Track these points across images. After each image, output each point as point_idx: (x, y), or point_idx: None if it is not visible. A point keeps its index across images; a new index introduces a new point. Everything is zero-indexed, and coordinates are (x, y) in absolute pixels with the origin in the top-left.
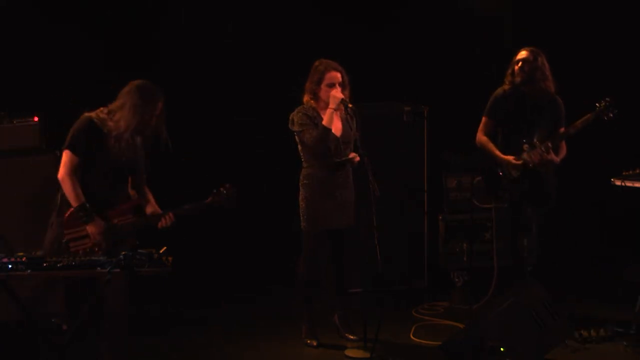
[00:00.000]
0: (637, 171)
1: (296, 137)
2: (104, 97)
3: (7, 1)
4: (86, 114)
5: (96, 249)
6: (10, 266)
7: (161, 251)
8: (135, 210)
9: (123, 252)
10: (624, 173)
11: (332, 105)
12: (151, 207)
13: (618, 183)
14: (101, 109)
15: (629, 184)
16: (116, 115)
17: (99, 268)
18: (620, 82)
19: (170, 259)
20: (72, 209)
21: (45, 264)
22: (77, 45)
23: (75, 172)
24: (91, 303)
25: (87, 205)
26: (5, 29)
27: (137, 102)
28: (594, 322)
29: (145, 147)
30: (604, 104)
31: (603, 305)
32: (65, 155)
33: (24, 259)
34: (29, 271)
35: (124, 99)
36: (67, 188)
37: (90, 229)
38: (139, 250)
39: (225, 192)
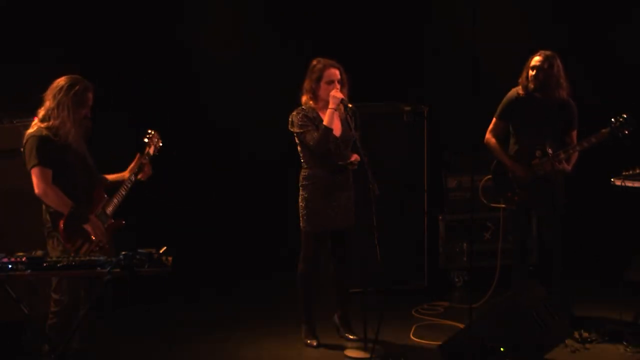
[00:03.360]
0: (637, 171)
1: (296, 138)
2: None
3: (7, 1)
4: (30, 133)
5: (98, 248)
6: (10, 266)
7: (161, 251)
8: (105, 190)
9: (123, 252)
10: (624, 173)
11: (332, 105)
12: (114, 176)
13: (618, 183)
14: (35, 120)
15: (629, 184)
16: (57, 118)
17: (99, 268)
18: (621, 81)
19: (170, 259)
20: (63, 218)
21: (45, 264)
22: (77, 45)
23: (51, 183)
24: (91, 303)
25: (76, 205)
26: (6, 28)
27: (73, 99)
28: (594, 322)
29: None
30: (620, 120)
31: (603, 305)
32: (36, 172)
33: (24, 259)
34: (29, 271)
35: (56, 99)
36: (53, 198)
37: (89, 227)
38: (139, 250)
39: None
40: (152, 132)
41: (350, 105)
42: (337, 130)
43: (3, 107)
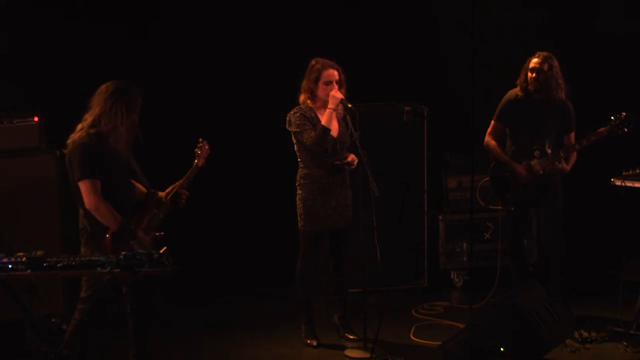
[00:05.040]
0: (637, 171)
1: (293, 138)
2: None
3: (7, 1)
4: (77, 140)
5: None
6: (10, 266)
7: (161, 251)
8: (150, 203)
9: (123, 252)
10: (624, 173)
11: (331, 105)
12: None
13: (618, 183)
14: (82, 125)
15: (629, 184)
16: (109, 124)
17: (99, 268)
18: (620, 81)
19: (170, 259)
20: (109, 234)
21: (45, 264)
22: (79, 44)
23: (101, 195)
24: (91, 303)
25: (125, 221)
26: (6, 28)
27: (126, 104)
28: (594, 322)
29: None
30: (619, 118)
31: (603, 305)
32: (86, 185)
33: (24, 259)
34: (29, 271)
35: (108, 104)
36: (104, 213)
37: (136, 243)
38: (139, 251)
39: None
40: (202, 142)
41: (350, 105)
42: (334, 130)
43: (2, 107)
